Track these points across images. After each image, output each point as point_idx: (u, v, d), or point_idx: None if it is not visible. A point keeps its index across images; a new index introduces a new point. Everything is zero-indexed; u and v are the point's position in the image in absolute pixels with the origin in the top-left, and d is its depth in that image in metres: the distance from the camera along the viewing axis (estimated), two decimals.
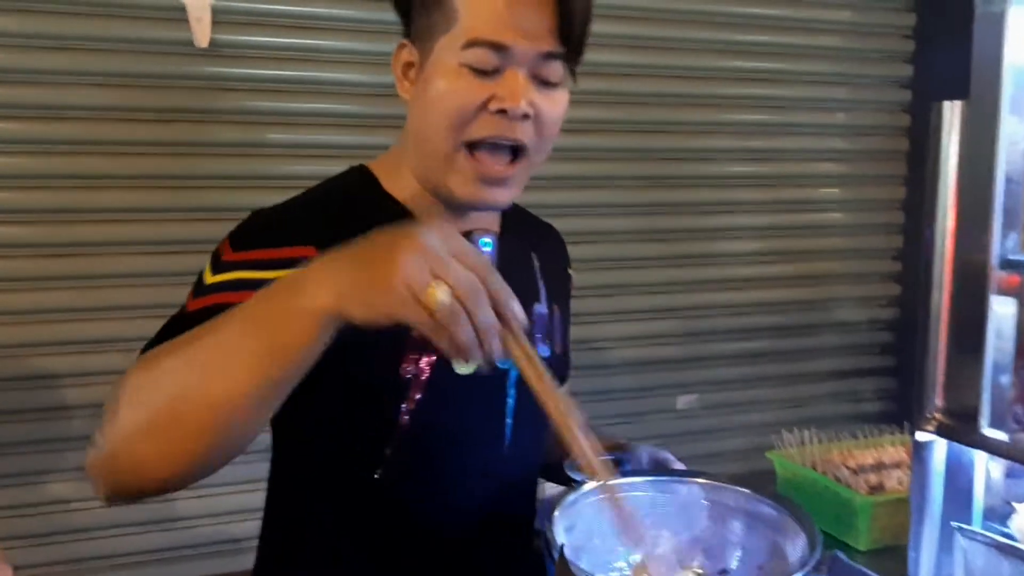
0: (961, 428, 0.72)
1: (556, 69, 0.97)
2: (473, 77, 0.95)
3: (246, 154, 2.28)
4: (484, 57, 0.95)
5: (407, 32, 1.09)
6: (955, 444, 0.74)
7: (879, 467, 2.29)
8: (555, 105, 0.99)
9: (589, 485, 0.95)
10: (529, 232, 1.24)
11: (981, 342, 0.71)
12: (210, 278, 0.97)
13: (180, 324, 0.90)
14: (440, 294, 0.68)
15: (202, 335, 0.79)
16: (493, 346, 0.72)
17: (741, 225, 2.81)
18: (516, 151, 0.98)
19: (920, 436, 0.76)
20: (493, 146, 0.97)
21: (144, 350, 0.93)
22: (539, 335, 1.14)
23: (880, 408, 3.02)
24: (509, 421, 1.10)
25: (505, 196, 1.01)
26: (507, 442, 1.10)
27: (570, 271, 1.33)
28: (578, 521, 0.94)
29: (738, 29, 2.71)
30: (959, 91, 2.75)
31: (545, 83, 0.97)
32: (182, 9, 2.16)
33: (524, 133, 0.96)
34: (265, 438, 2.43)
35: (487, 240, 1.06)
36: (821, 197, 2.92)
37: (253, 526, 2.33)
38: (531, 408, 1.05)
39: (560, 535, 0.86)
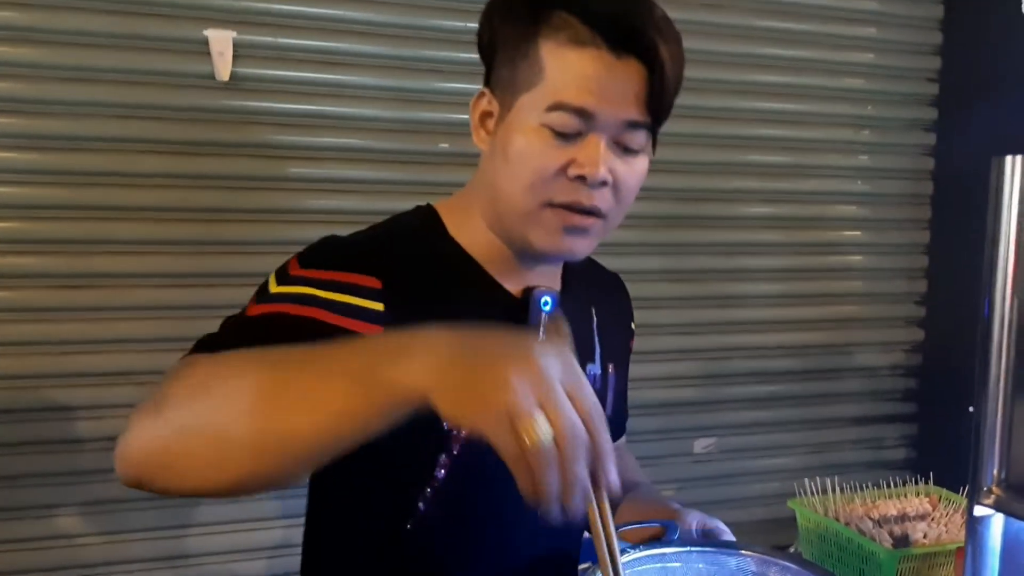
0: (1021, 503, 0.68)
1: (639, 137, 0.97)
2: (554, 139, 0.94)
3: (266, 188, 2.27)
4: (567, 121, 0.94)
5: (488, 80, 1.05)
6: (1014, 520, 0.70)
7: (903, 519, 2.24)
8: (634, 172, 0.99)
9: None
10: (591, 286, 1.22)
11: None
12: (275, 287, 0.95)
13: (241, 328, 0.91)
14: (541, 431, 0.61)
15: (285, 364, 0.75)
16: (573, 504, 0.64)
17: (762, 267, 2.79)
18: (593, 213, 0.98)
19: (978, 511, 0.72)
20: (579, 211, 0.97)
21: (200, 345, 0.91)
22: None
23: (903, 455, 2.98)
24: None
25: (584, 246, 1.00)
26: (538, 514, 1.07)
27: (632, 326, 1.30)
28: None
29: (760, 70, 2.70)
30: (985, 135, 2.73)
31: (626, 150, 0.97)
32: (204, 42, 2.16)
33: (602, 200, 0.96)
34: None
35: (548, 299, 1.03)
36: (844, 240, 2.89)
37: (261, 565, 2.33)
38: None
39: None
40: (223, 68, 2.17)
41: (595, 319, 1.18)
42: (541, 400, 0.62)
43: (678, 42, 0.98)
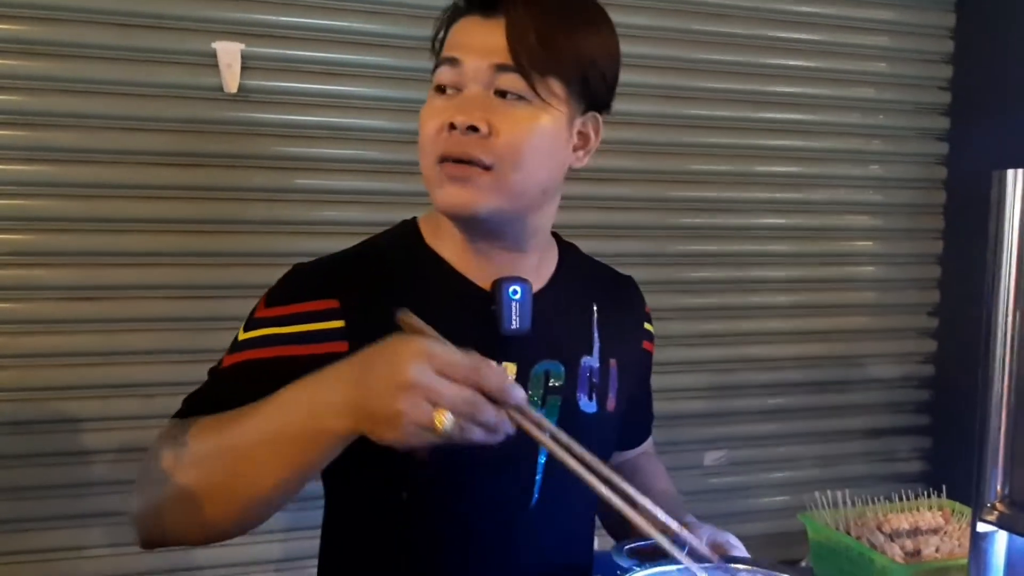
0: None
1: (512, 81, 0.98)
2: (439, 99, 1.01)
3: (273, 199, 2.27)
4: (444, 74, 1.01)
5: None
6: (1018, 537, 0.69)
7: (915, 533, 2.22)
8: (516, 120, 0.99)
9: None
10: (594, 283, 1.22)
11: None
12: (242, 335, 1.02)
13: (218, 382, 1.01)
14: (445, 422, 0.75)
15: (240, 428, 0.88)
16: (504, 430, 0.80)
17: (772, 278, 2.77)
18: (469, 162, 1.00)
19: (980, 527, 0.71)
20: (456, 163, 0.99)
21: (187, 401, 1.02)
22: (582, 391, 1.11)
23: (915, 468, 2.95)
24: (539, 477, 1.07)
25: (467, 197, 0.99)
26: (535, 497, 1.08)
27: (647, 326, 1.30)
28: None
29: (771, 80, 2.69)
30: (997, 144, 2.71)
31: (505, 95, 0.99)
32: (212, 55, 2.17)
33: (477, 148, 0.97)
34: None
35: (515, 288, 1.04)
36: (855, 250, 2.87)
37: None
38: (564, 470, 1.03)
39: None
40: (231, 80, 2.18)
41: (595, 314, 1.17)
42: (428, 399, 0.76)
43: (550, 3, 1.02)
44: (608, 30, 1.06)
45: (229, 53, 2.17)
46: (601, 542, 1.26)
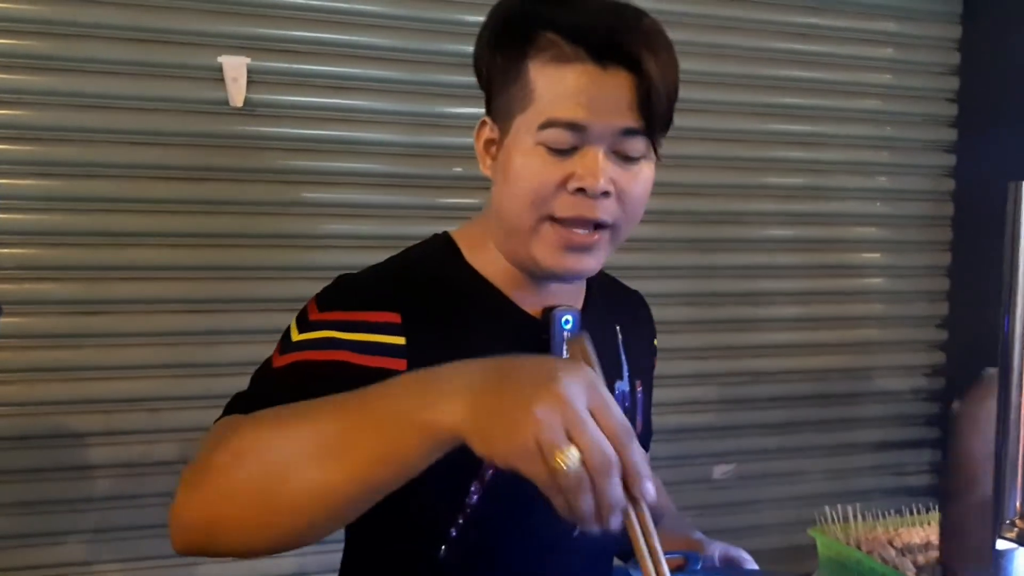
0: None
1: (636, 144, 0.95)
2: (550, 156, 0.94)
3: (280, 213, 2.27)
4: (561, 136, 0.93)
5: (488, 108, 1.07)
6: None
7: (927, 547, 2.20)
8: (637, 180, 0.97)
9: None
10: (613, 302, 1.21)
11: None
12: (297, 335, 0.96)
13: (270, 383, 0.93)
14: (569, 459, 0.63)
15: (315, 416, 0.76)
16: (611, 523, 0.67)
17: (780, 290, 2.76)
18: (598, 225, 0.97)
19: (1000, 544, 0.69)
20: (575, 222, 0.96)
21: (232, 405, 0.92)
22: None
23: (926, 481, 2.93)
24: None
25: (590, 264, 0.99)
26: (577, 531, 1.05)
27: (655, 342, 1.29)
28: None
29: (778, 92, 2.69)
30: (1005, 156, 2.70)
31: (627, 158, 0.96)
32: (218, 69, 2.17)
33: (605, 211, 0.95)
34: None
35: (568, 318, 1.03)
36: (864, 262, 2.86)
37: None
38: None
39: None
40: (237, 94, 2.18)
41: (620, 336, 1.16)
42: (567, 427, 0.64)
43: (668, 48, 0.96)
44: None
45: (235, 67, 2.17)
46: None
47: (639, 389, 1.16)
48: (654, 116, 0.94)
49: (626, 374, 1.14)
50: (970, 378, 0.83)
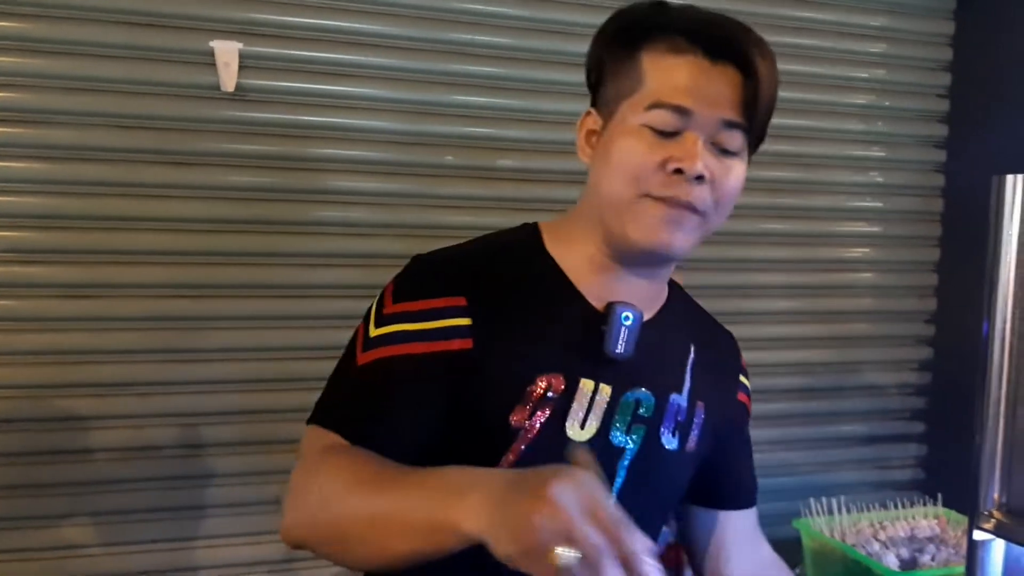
0: (1022, 528, 0.66)
1: (735, 138, 1.02)
2: (653, 137, 1.00)
3: (271, 199, 2.27)
4: (666, 119, 1.00)
5: (593, 101, 1.12)
6: (1015, 546, 0.68)
7: (911, 541, 2.22)
8: (731, 173, 1.04)
9: None
10: (695, 325, 1.25)
11: None
12: (374, 331, 1.04)
13: (352, 383, 1.04)
14: (566, 558, 0.71)
15: (378, 497, 0.91)
16: None
17: (769, 284, 2.77)
18: (690, 210, 1.02)
19: (977, 535, 0.70)
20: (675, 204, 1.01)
21: (327, 406, 1.05)
22: (667, 426, 1.12)
23: (911, 476, 2.95)
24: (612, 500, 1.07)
25: (679, 240, 1.03)
26: None
27: (743, 379, 1.31)
28: None
29: None
30: (996, 152, 2.71)
31: (723, 151, 1.02)
32: (210, 53, 2.16)
33: (698, 196, 1.00)
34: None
35: (628, 314, 1.06)
36: (852, 257, 2.87)
37: None
38: (639, 495, 1.07)
39: None
40: (228, 79, 2.17)
41: (692, 354, 1.18)
42: (562, 529, 0.72)
43: (773, 58, 1.05)
44: None
45: (227, 52, 2.17)
46: None
47: (701, 409, 1.18)
48: (756, 113, 1.01)
49: (687, 389, 1.16)
50: (957, 374, 0.83)
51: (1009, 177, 0.67)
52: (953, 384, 2.80)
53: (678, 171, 0.99)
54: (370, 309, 1.07)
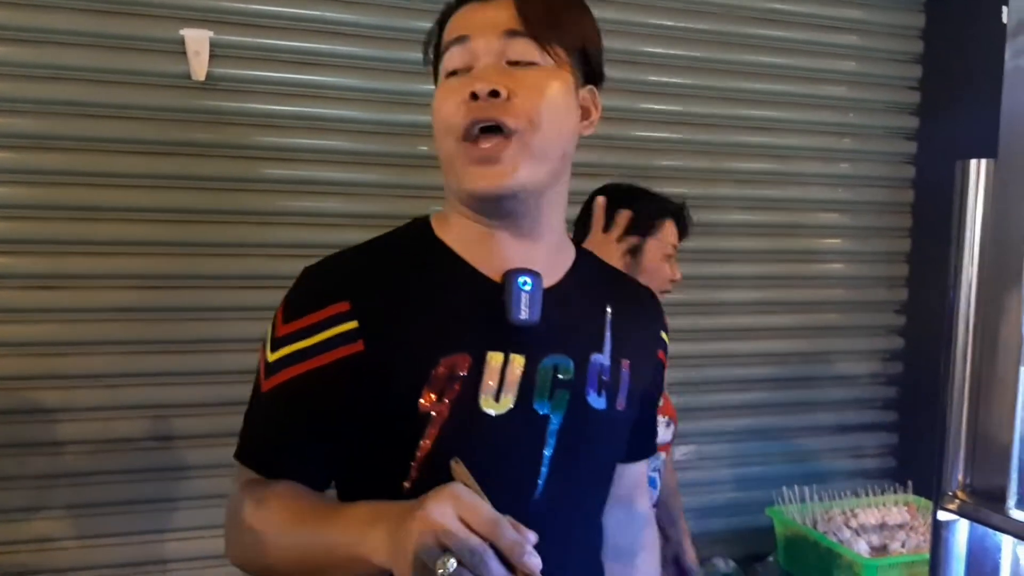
0: (986, 508, 0.67)
1: (522, 47, 1.01)
2: (453, 81, 1.02)
3: (242, 189, 2.25)
4: (453, 57, 1.03)
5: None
6: (979, 526, 0.69)
7: (882, 528, 2.24)
8: (532, 82, 1.01)
9: None
10: (611, 287, 1.23)
11: (1010, 415, 0.66)
12: (271, 356, 1.05)
13: (261, 408, 1.07)
14: (448, 563, 0.77)
15: (297, 541, 0.97)
16: None
17: (742, 274, 2.78)
18: (501, 133, 1.00)
19: (941, 515, 0.71)
20: (484, 132, 1.00)
21: (245, 442, 1.09)
22: (591, 386, 1.11)
23: (882, 464, 2.97)
24: (544, 471, 1.06)
25: (499, 175, 1.01)
26: (539, 492, 1.06)
27: (664, 336, 1.30)
28: None
29: (743, 77, 2.70)
30: (966, 143, 2.74)
31: (517, 63, 1.01)
32: (180, 42, 2.14)
33: (501, 112, 0.99)
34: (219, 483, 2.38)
35: (526, 279, 1.05)
36: (824, 248, 2.89)
37: (234, 571, 2.29)
38: (576, 459, 1.06)
39: None
40: (199, 68, 2.16)
41: (609, 315, 1.17)
42: (440, 543, 0.79)
43: None
44: (591, 15, 1.11)
45: (197, 41, 2.15)
46: None
47: (625, 368, 1.17)
48: (533, 18, 1.01)
49: (608, 349, 1.15)
50: (928, 363, 0.84)
51: (972, 162, 0.68)
52: (924, 373, 2.82)
53: (473, 95, 0.99)
54: (267, 332, 1.07)
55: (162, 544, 2.25)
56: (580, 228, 1.83)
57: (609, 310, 1.17)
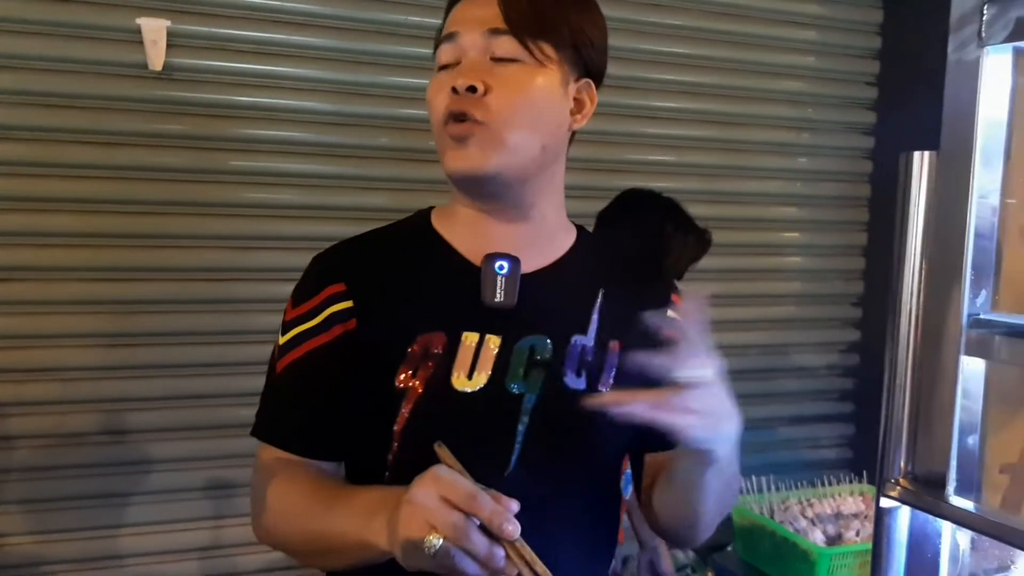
0: (927, 495, 0.68)
1: (505, 44, 1.06)
2: (444, 75, 1.07)
3: (200, 180, 2.23)
4: (445, 52, 1.08)
5: None
6: (920, 512, 0.70)
7: (837, 517, 2.27)
8: (509, 78, 1.06)
9: None
10: (613, 270, 1.23)
11: (950, 404, 0.68)
12: (281, 339, 1.13)
13: (275, 387, 1.13)
14: (432, 541, 0.81)
15: (312, 523, 1.03)
16: (496, 565, 0.84)
17: (700, 267, 2.79)
18: (469, 121, 1.05)
19: (883, 502, 0.72)
20: (455, 120, 1.05)
21: (263, 421, 1.14)
22: (570, 367, 1.12)
23: (838, 455, 3.01)
24: (518, 446, 1.08)
25: (469, 158, 1.06)
26: (512, 467, 1.07)
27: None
28: None
29: (701, 71, 2.71)
30: (922, 139, 2.77)
31: (499, 60, 1.06)
32: (137, 31, 2.11)
33: (471, 105, 1.04)
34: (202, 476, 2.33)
35: (502, 263, 1.10)
36: (782, 241, 2.91)
37: (191, 566, 2.29)
38: (551, 437, 1.09)
39: None
40: (156, 58, 2.13)
41: (600, 298, 1.18)
42: (425, 523, 0.83)
43: None
44: (595, 7, 1.14)
45: (154, 30, 2.12)
46: None
47: (614, 350, 1.17)
48: (515, 16, 1.05)
49: (593, 330, 1.16)
50: (882, 355, 0.86)
51: (916, 154, 0.69)
52: (880, 365, 2.86)
53: (454, 90, 1.04)
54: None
55: (117, 539, 2.23)
56: (602, 222, 1.99)
57: (602, 292, 1.18)
